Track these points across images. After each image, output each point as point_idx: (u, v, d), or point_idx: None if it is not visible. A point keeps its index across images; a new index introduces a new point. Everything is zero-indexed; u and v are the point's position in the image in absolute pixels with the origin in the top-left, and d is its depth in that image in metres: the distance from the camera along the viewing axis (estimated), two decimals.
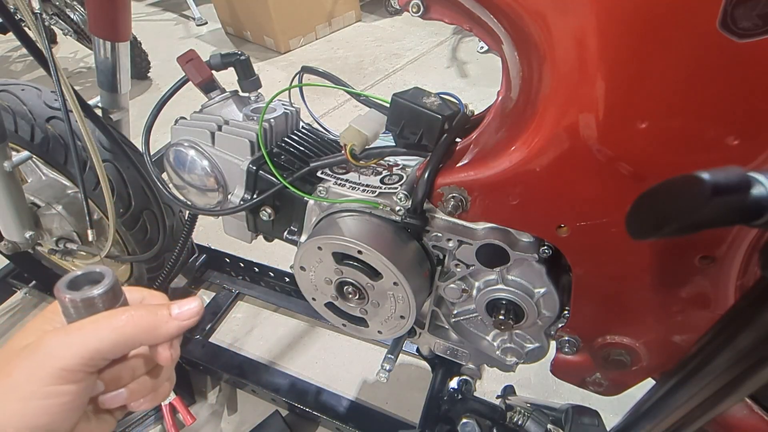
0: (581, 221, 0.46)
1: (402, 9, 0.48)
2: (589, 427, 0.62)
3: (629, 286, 0.50)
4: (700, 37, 0.34)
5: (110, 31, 0.90)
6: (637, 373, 0.57)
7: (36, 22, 0.69)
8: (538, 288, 0.56)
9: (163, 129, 0.68)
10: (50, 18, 2.17)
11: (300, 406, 1.05)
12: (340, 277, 0.61)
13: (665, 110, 0.38)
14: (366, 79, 2.42)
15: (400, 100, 0.54)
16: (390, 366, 0.70)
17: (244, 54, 0.69)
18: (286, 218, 0.68)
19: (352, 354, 1.22)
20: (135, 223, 1.04)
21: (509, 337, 0.64)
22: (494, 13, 0.42)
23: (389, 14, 3.06)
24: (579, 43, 0.37)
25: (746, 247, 0.42)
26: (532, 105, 0.43)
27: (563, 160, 0.43)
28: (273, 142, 0.67)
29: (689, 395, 0.40)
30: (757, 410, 0.54)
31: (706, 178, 0.26)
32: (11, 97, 0.93)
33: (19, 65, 2.88)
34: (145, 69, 2.51)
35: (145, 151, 0.71)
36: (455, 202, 0.51)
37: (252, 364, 1.17)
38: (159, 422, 1.09)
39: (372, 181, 0.60)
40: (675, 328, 0.51)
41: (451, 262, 0.59)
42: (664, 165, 0.40)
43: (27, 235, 1.02)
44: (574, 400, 0.73)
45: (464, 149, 0.54)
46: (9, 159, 0.90)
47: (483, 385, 1.12)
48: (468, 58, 2.47)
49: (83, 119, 0.76)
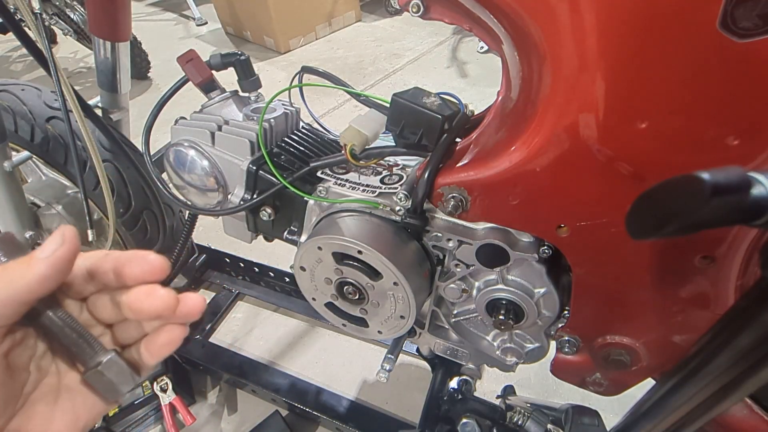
0: (581, 221, 0.46)
1: (402, 9, 0.48)
2: (589, 427, 0.62)
3: (629, 286, 0.50)
4: (700, 37, 0.34)
5: (110, 31, 0.90)
6: (637, 373, 0.57)
7: (36, 22, 0.69)
8: (538, 288, 0.56)
9: (163, 129, 0.68)
10: (50, 18, 2.17)
11: (300, 406, 1.05)
12: (340, 277, 0.61)
13: (665, 110, 0.38)
14: (366, 79, 2.42)
15: (400, 100, 0.54)
16: (390, 366, 0.70)
17: (244, 54, 0.69)
18: (286, 218, 0.68)
19: (352, 354, 1.22)
20: (135, 223, 1.04)
21: (509, 337, 0.64)
22: (494, 13, 0.42)
23: (389, 14, 3.06)
24: (579, 42, 0.37)
25: (746, 247, 0.42)
26: (532, 105, 0.43)
27: (563, 160, 0.43)
28: (273, 142, 0.67)
29: (689, 395, 0.40)
30: (757, 410, 0.54)
31: (706, 178, 0.26)
32: (11, 97, 0.93)
33: (19, 65, 2.88)
34: (145, 69, 2.51)
35: (145, 151, 0.71)
36: (455, 202, 0.51)
37: (252, 364, 1.17)
38: (159, 422, 1.09)
39: (372, 181, 0.60)
40: (675, 328, 0.51)
41: (451, 262, 0.59)
42: (664, 165, 0.40)
43: (27, 235, 1.02)
44: (574, 400, 0.73)
45: (464, 149, 0.54)
46: (9, 159, 0.90)
47: (483, 385, 1.12)
48: (468, 58, 2.47)
49: (83, 119, 0.76)
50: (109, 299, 0.35)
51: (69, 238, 0.30)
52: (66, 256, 0.30)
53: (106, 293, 0.35)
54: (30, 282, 0.29)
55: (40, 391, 0.33)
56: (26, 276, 0.29)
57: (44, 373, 0.34)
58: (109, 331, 0.36)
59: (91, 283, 0.34)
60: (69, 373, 0.35)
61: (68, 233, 0.31)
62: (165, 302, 0.32)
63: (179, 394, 1.03)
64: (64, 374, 0.35)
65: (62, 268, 0.30)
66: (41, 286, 0.30)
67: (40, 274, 0.30)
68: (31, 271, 0.29)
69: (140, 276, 0.33)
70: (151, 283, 0.33)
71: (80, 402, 0.34)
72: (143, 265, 0.33)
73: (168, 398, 1.01)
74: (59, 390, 0.34)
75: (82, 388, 0.34)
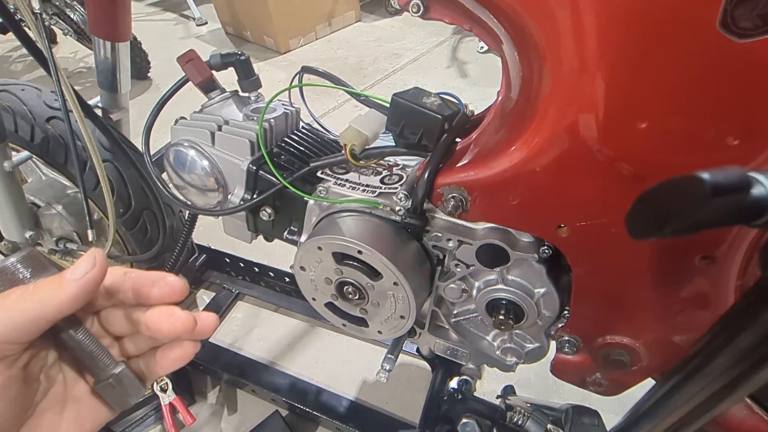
0: (581, 221, 0.46)
1: (402, 9, 0.48)
2: (589, 427, 0.62)
3: (629, 286, 0.50)
4: (700, 37, 0.34)
5: (110, 31, 0.90)
6: (637, 373, 0.57)
7: (36, 22, 0.69)
8: (538, 288, 0.56)
9: (163, 129, 0.68)
10: (50, 18, 2.17)
11: (300, 406, 1.05)
12: (340, 277, 0.61)
13: (665, 110, 0.38)
14: (366, 79, 2.42)
15: (400, 100, 0.54)
16: (390, 366, 0.70)
17: (244, 54, 0.69)
18: (286, 218, 0.68)
19: (352, 354, 1.22)
20: (135, 223, 1.04)
21: (509, 337, 0.64)
22: (494, 13, 0.42)
23: (389, 14, 3.06)
24: (579, 42, 0.37)
25: (746, 247, 0.42)
26: (532, 105, 0.43)
27: (563, 160, 0.43)
28: (273, 142, 0.67)
29: (689, 395, 0.40)
30: (757, 410, 0.54)
31: (706, 178, 0.26)
32: (11, 97, 0.93)
33: (19, 65, 2.87)
34: (145, 69, 2.51)
35: (145, 151, 0.71)
36: (455, 202, 0.51)
37: (252, 364, 1.17)
38: (159, 422, 1.09)
39: (372, 181, 0.60)
40: (675, 328, 0.51)
41: (451, 262, 0.59)
42: (664, 165, 0.40)
43: (27, 235, 1.02)
44: (574, 400, 0.73)
45: (464, 149, 0.54)
46: (9, 159, 0.90)
47: (483, 385, 1.12)
48: (468, 58, 2.47)
49: (83, 119, 0.76)
50: (124, 315, 0.36)
51: (100, 261, 0.32)
52: (96, 279, 0.32)
53: (121, 309, 0.36)
54: (60, 302, 0.30)
55: (48, 401, 0.34)
56: (57, 296, 0.30)
57: (52, 382, 0.34)
58: (117, 343, 0.37)
59: (109, 299, 0.35)
60: (76, 383, 0.35)
61: (99, 256, 0.32)
62: (184, 324, 0.33)
63: (179, 394, 1.02)
64: (71, 383, 0.35)
65: (91, 290, 0.32)
66: (70, 307, 0.31)
67: (70, 296, 0.31)
68: (63, 292, 0.30)
69: (160, 298, 0.34)
70: (170, 305, 0.34)
71: (86, 411, 0.35)
72: (164, 288, 0.34)
73: (168, 398, 1.01)
74: (66, 399, 0.34)
75: (89, 397, 0.35)
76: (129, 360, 0.37)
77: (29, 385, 0.32)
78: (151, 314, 0.34)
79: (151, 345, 0.37)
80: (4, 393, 0.30)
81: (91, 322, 0.35)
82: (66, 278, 0.31)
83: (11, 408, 0.31)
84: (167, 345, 0.36)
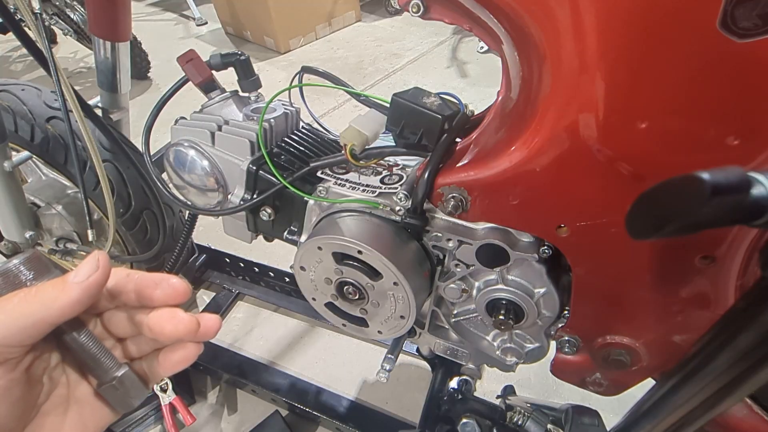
0: (581, 221, 0.46)
1: (402, 9, 0.48)
2: (589, 427, 0.62)
3: (629, 286, 0.50)
4: (700, 37, 0.34)
5: (110, 31, 0.90)
6: (637, 373, 0.57)
7: (36, 22, 0.69)
8: (538, 288, 0.56)
9: (163, 129, 0.68)
10: (50, 18, 2.17)
11: (300, 406, 1.05)
12: (340, 277, 0.61)
13: (665, 110, 0.38)
14: (366, 79, 2.42)
15: (400, 100, 0.54)
16: (390, 366, 0.70)
17: (244, 54, 0.69)
18: (286, 218, 0.68)
19: (352, 354, 1.22)
20: (135, 223, 1.04)
21: (509, 337, 0.64)
22: (494, 13, 0.42)
23: (389, 14, 3.06)
24: (579, 42, 0.37)
25: (746, 247, 0.42)
26: (532, 105, 0.43)
27: (563, 160, 0.43)
28: (273, 142, 0.67)
29: (689, 395, 0.40)
30: (757, 410, 0.54)
31: (705, 178, 0.26)
32: (11, 97, 0.93)
33: (19, 65, 2.87)
34: (145, 69, 2.51)
35: (145, 151, 0.71)
36: (455, 202, 0.51)
37: (252, 364, 1.17)
38: (159, 422, 1.09)
39: (372, 181, 0.60)
40: (675, 328, 0.51)
41: (451, 262, 0.59)
42: (664, 165, 0.40)
43: (27, 235, 1.02)
44: (574, 400, 0.73)
45: (464, 149, 0.54)
46: (9, 159, 0.90)
47: (483, 385, 1.12)
48: (468, 58, 2.47)
49: (83, 119, 0.76)
50: (127, 317, 0.36)
51: (103, 264, 0.32)
52: (100, 282, 0.31)
53: (124, 310, 0.36)
54: (63, 305, 0.30)
55: (51, 403, 0.34)
56: (60, 299, 0.30)
57: (55, 384, 0.34)
58: (119, 344, 0.37)
59: (112, 301, 0.35)
60: (79, 385, 0.35)
61: (102, 259, 0.32)
62: (187, 326, 0.33)
63: (179, 394, 1.02)
64: (74, 385, 0.35)
65: (94, 293, 0.31)
66: (73, 310, 0.31)
67: (73, 299, 0.31)
68: (66, 295, 0.30)
69: (163, 300, 0.34)
70: (173, 306, 0.34)
71: (89, 413, 0.35)
72: (167, 289, 0.34)
73: (168, 398, 1.01)
74: (69, 401, 0.35)
75: (92, 399, 0.35)
76: (132, 362, 0.36)
77: (32, 387, 0.32)
78: (154, 316, 0.33)
79: (153, 347, 0.37)
80: (7, 395, 0.30)
81: (94, 324, 0.35)
82: (69, 281, 0.31)
83: (14, 410, 0.31)
84: (170, 347, 0.36)
